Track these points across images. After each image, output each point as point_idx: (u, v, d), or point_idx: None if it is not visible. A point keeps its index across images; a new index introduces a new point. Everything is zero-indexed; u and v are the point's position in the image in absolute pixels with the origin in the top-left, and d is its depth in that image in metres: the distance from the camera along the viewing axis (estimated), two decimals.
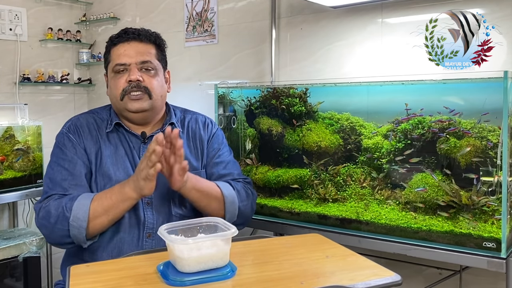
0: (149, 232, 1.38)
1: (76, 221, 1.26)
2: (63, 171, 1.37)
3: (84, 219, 1.26)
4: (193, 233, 1.10)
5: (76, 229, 1.27)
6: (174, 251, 1.00)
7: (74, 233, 1.28)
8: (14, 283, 2.47)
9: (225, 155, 1.55)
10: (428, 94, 1.57)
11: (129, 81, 1.39)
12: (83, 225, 1.26)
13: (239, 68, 2.44)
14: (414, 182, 1.51)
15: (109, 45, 1.47)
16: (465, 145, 1.43)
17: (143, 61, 1.41)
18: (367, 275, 1.00)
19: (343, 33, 2.08)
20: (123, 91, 1.40)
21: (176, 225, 1.10)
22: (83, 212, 1.27)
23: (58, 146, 1.43)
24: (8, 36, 2.78)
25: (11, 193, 2.38)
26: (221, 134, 1.60)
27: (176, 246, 1.00)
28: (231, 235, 1.03)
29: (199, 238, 1.05)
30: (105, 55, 1.49)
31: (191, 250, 0.99)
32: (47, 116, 2.94)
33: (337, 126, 1.72)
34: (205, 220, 1.14)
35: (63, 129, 1.45)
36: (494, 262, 1.34)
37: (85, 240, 1.29)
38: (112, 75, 1.44)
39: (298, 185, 1.74)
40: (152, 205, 1.39)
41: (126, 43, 1.43)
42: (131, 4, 2.96)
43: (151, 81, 1.42)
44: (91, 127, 1.45)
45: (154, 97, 1.42)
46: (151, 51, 1.45)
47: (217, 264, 1.02)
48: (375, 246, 1.54)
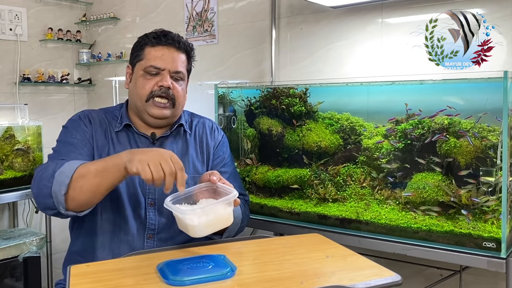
0: (150, 234, 1.38)
1: (61, 175, 1.20)
2: (68, 145, 1.36)
3: (68, 175, 1.20)
4: (195, 200, 1.22)
5: (58, 184, 1.20)
6: (185, 220, 1.12)
7: (54, 188, 1.20)
8: (14, 283, 2.47)
9: (229, 165, 1.56)
10: (428, 94, 1.57)
11: (161, 86, 1.40)
12: (65, 181, 1.19)
13: (239, 68, 2.44)
14: (414, 182, 1.51)
15: (144, 42, 1.45)
16: (464, 145, 1.43)
17: (177, 71, 1.43)
18: (367, 275, 1.00)
19: (343, 33, 2.08)
20: (151, 93, 1.40)
21: (179, 194, 1.18)
22: (70, 168, 1.21)
23: (67, 127, 1.42)
24: (8, 36, 2.78)
25: (11, 193, 2.38)
26: (226, 141, 1.60)
27: (187, 216, 1.11)
28: (233, 197, 1.16)
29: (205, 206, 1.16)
30: (138, 50, 1.46)
31: (199, 217, 1.11)
32: (47, 116, 2.94)
33: (337, 126, 1.72)
34: (204, 186, 1.25)
35: (75, 116, 1.45)
36: (494, 262, 1.34)
37: (63, 202, 1.21)
38: (141, 73, 1.43)
39: (298, 185, 1.74)
40: (155, 205, 1.39)
41: (165, 48, 1.43)
42: (131, 4, 2.96)
43: (178, 90, 1.44)
44: (102, 122, 1.45)
45: (177, 106, 1.44)
46: (183, 61, 1.46)
47: (224, 225, 1.18)
48: (375, 246, 1.54)
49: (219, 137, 1.58)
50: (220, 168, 1.52)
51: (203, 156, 1.52)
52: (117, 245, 1.36)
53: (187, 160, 1.47)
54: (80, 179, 1.20)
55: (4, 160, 2.44)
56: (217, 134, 1.58)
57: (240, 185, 1.58)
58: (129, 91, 1.48)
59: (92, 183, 1.20)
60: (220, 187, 1.23)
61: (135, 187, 1.39)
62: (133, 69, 1.47)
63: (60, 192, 1.20)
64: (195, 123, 1.56)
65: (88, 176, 1.20)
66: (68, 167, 1.22)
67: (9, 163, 2.44)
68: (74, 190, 1.20)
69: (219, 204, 1.15)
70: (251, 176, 1.85)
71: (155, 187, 1.38)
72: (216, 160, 1.54)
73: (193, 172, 1.46)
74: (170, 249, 1.22)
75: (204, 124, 1.57)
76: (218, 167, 1.52)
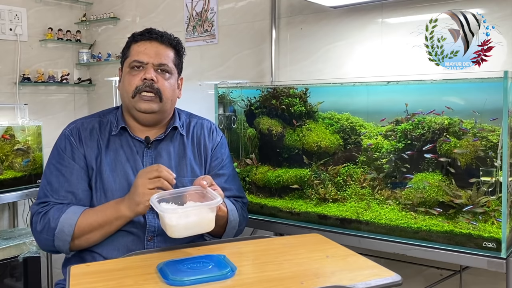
0: (151, 235, 1.37)
1: (61, 234, 1.29)
2: (60, 176, 1.37)
3: (69, 234, 1.29)
4: (183, 201, 1.21)
5: (61, 241, 1.30)
6: (164, 219, 1.11)
7: (58, 244, 1.31)
8: (14, 283, 2.47)
9: (227, 167, 1.55)
10: (428, 94, 1.57)
11: (144, 79, 1.40)
12: (67, 239, 1.29)
13: (239, 68, 2.44)
14: (414, 182, 1.51)
15: (130, 40, 1.47)
16: (465, 145, 1.43)
17: (160, 63, 1.42)
18: (367, 275, 1.00)
19: (343, 33, 2.08)
20: (136, 89, 1.40)
21: (168, 193, 1.20)
22: (68, 226, 1.29)
23: (57, 148, 1.43)
24: (8, 36, 2.78)
25: (11, 193, 2.39)
26: (225, 143, 1.59)
27: (167, 215, 1.11)
28: (216, 204, 1.15)
29: (187, 207, 1.16)
30: (124, 50, 1.48)
31: (179, 217, 1.11)
32: (47, 116, 2.94)
33: (337, 126, 1.72)
34: (193, 188, 1.24)
35: (65, 131, 1.45)
36: (494, 262, 1.34)
37: (69, 252, 1.33)
38: (127, 70, 1.44)
39: (298, 185, 1.74)
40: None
41: (147, 42, 1.43)
42: (131, 4, 2.96)
43: (164, 83, 1.43)
44: (93, 132, 1.44)
45: (164, 100, 1.42)
46: (169, 55, 1.45)
47: (203, 230, 1.16)
48: (375, 246, 1.54)
49: (218, 138, 1.56)
50: (218, 170, 1.51)
51: (201, 158, 1.51)
52: (118, 248, 1.35)
53: (184, 163, 1.46)
54: (83, 234, 1.30)
55: (4, 160, 2.44)
56: (215, 135, 1.56)
57: (239, 188, 1.57)
58: (120, 91, 1.49)
59: (96, 235, 1.32)
60: (209, 192, 1.22)
61: None
62: (122, 69, 1.48)
63: (65, 247, 1.31)
64: (193, 124, 1.55)
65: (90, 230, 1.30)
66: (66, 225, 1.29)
67: (9, 163, 2.44)
68: (80, 242, 1.32)
69: (201, 208, 1.15)
70: (251, 176, 1.85)
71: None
72: (214, 162, 1.52)
73: (191, 175, 1.45)
74: (170, 249, 1.22)
75: (203, 126, 1.56)
76: (216, 170, 1.51)
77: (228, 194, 1.49)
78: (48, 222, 1.30)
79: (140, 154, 1.43)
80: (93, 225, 1.30)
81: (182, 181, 1.42)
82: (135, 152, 1.43)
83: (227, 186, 1.50)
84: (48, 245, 1.32)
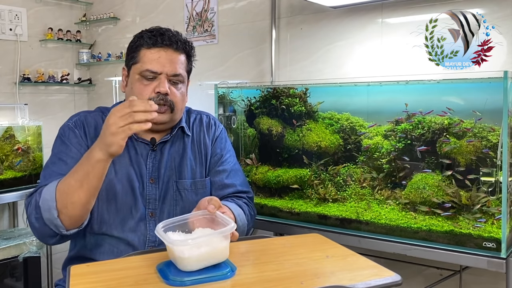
0: (151, 246, 1.35)
1: (45, 203, 1.19)
2: (63, 165, 1.30)
3: (51, 199, 1.18)
4: (190, 228, 1.10)
5: (47, 212, 1.19)
6: (174, 252, 0.99)
7: (46, 216, 1.19)
8: (14, 283, 2.47)
9: (228, 162, 1.49)
10: (428, 94, 1.57)
11: (158, 92, 1.33)
12: (52, 205, 1.18)
13: (239, 68, 2.44)
14: (414, 182, 1.51)
15: (140, 43, 1.36)
16: (465, 144, 1.43)
17: (174, 73, 1.35)
18: (367, 275, 1.00)
19: (343, 33, 2.08)
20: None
21: (173, 221, 1.08)
22: (49, 193, 1.19)
23: (61, 139, 1.36)
24: (8, 36, 2.78)
25: (11, 193, 2.39)
26: (225, 136, 1.53)
27: (176, 247, 0.98)
28: (230, 230, 1.02)
29: (198, 236, 1.04)
30: (133, 52, 1.38)
31: (191, 249, 0.98)
32: (47, 116, 2.94)
33: (337, 126, 1.72)
34: (201, 213, 1.13)
35: (69, 122, 1.38)
36: (494, 262, 1.34)
37: (61, 224, 1.20)
38: (137, 77, 1.35)
39: (298, 185, 1.74)
40: (155, 217, 1.36)
41: (162, 50, 1.34)
42: (131, 4, 2.96)
43: (176, 95, 1.37)
44: (98, 128, 1.36)
45: (175, 111, 1.37)
46: (183, 62, 1.38)
47: (218, 260, 1.02)
48: (375, 246, 1.54)
49: (216, 132, 1.51)
50: (218, 167, 1.47)
51: (201, 157, 1.46)
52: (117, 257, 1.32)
53: (185, 163, 1.42)
54: (66, 197, 1.18)
55: (4, 160, 2.44)
56: (214, 129, 1.51)
57: (242, 182, 1.50)
58: (126, 96, 1.42)
59: (80, 195, 1.18)
60: (219, 216, 1.11)
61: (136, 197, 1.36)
62: (129, 72, 1.39)
63: (53, 216, 1.19)
64: (192, 120, 1.49)
65: (72, 190, 1.18)
66: (47, 192, 1.20)
67: (9, 163, 2.45)
68: (67, 208, 1.19)
69: (214, 237, 1.01)
70: (251, 176, 1.85)
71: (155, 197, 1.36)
72: (213, 158, 1.48)
73: (191, 176, 1.42)
74: None
75: (202, 121, 1.51)
76: (216, 167, 1.47)
77: (230, 191, 1.45)
78: (35, 200, 1.22)
79: (144, 157, 1.39)
80: (72, 183, 1.18)
81: (183, 184, 1.40)
82: (140, 154, 1.39)
83: (228, 182, 1.46)
84: (40, 224, 1.21)
